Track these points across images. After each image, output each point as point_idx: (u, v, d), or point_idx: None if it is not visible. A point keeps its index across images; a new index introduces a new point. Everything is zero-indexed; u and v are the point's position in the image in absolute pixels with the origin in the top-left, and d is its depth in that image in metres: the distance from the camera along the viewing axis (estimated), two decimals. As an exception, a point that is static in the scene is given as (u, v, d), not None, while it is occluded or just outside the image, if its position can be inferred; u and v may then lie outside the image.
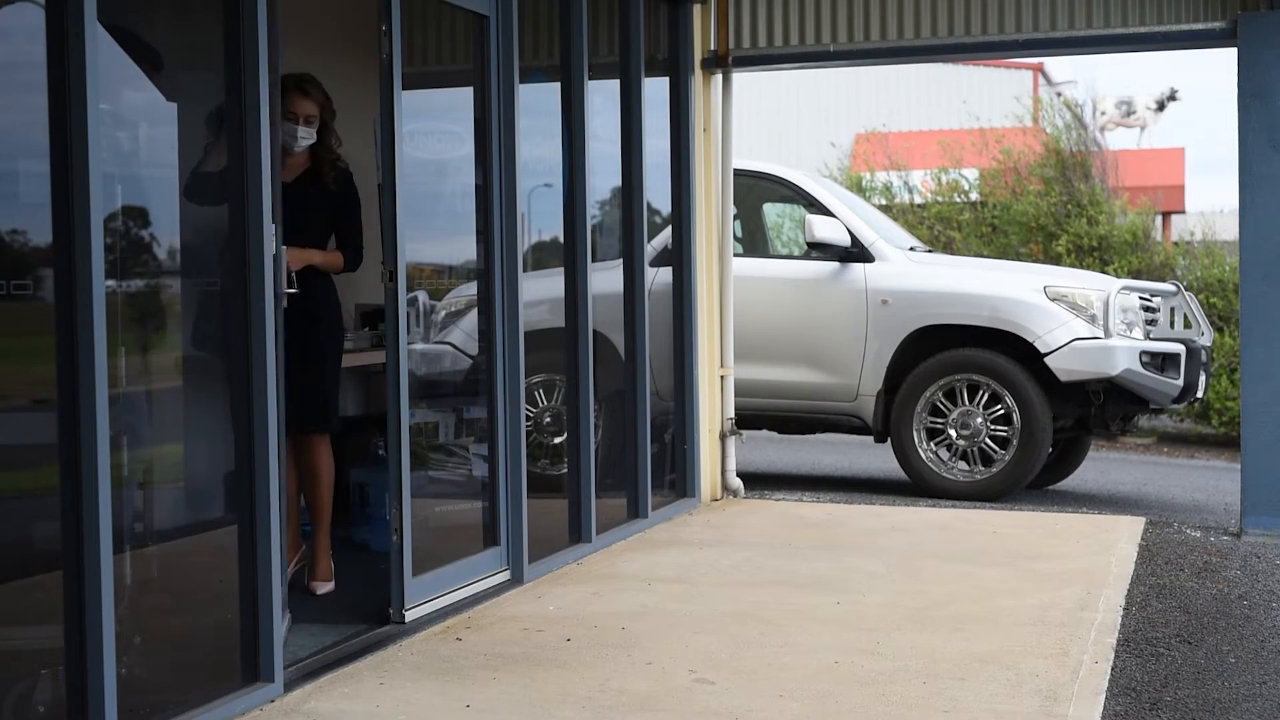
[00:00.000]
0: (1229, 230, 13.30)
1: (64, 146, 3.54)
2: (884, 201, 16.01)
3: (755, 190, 9.49)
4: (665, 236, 7.66)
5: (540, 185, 6.26)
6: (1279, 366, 7.14)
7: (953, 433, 8.52)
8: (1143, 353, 8.34)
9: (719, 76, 8.01)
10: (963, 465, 8.55)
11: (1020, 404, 8.36)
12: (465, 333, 6.41)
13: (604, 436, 6.86)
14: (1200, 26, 7.32)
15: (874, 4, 7.77)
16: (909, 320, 8.60)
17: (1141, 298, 8.68)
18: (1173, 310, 8.85)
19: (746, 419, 8.65)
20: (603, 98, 6.70)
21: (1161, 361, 8.41)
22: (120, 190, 3.88)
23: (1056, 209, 14.75)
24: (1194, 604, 5.76)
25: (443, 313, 6.52)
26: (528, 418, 5.88)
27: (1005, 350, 8.46)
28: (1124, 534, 6.99)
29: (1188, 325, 8.85)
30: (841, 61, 8.12)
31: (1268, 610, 5.71)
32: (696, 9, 7.75)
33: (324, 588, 5.69)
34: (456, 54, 5.80)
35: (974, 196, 15.92)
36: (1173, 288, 9.01)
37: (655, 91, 7.30)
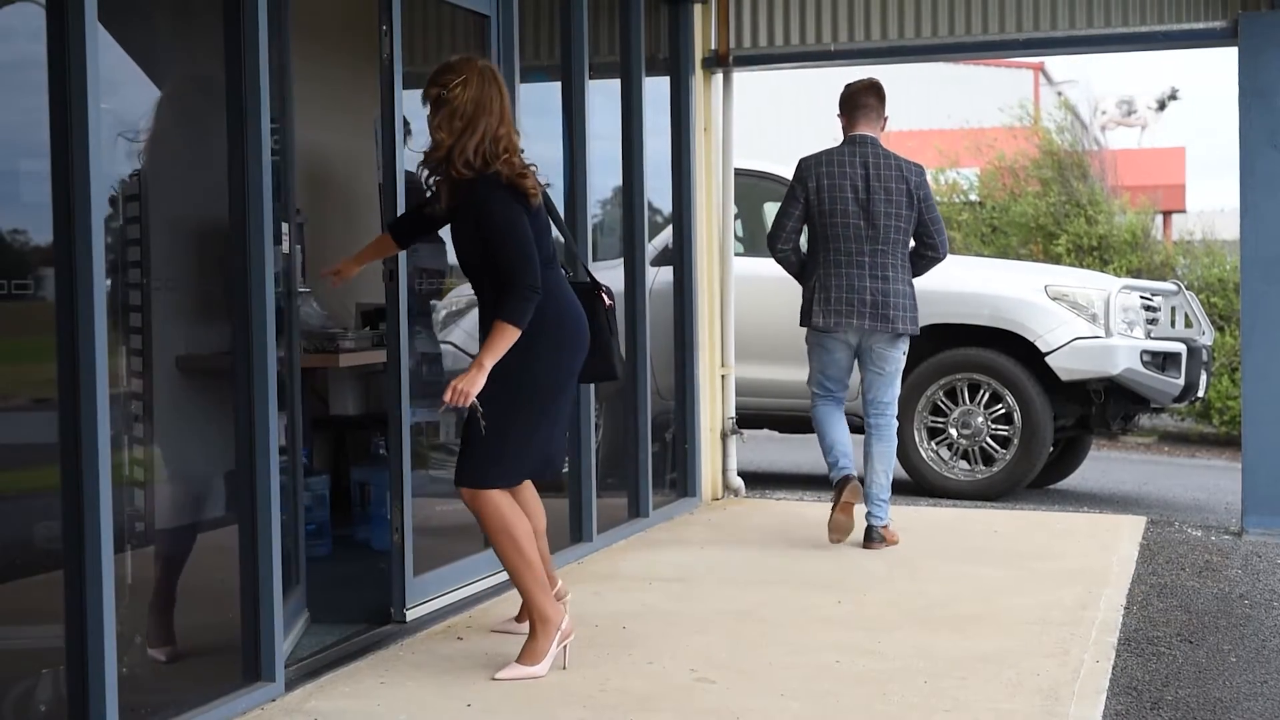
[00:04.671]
0: (1229, 230, 13.29)
1: (64, 146, 3.53)
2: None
3: (756, 190, 9.47)
4: (666, 236, 7.65)
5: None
6: (1279, 366, 7.14)
7: (954, 432, 8.52)
8: (1143, 352, 8.33)
9: (719, 76, 8.00)
10: (964, 464, 8.55)
11: (1021, 403, 8.36)
12: (465, 332, 6.40)
13: (604, 436, 6.86)
14: (1200, 26, 7.31)
15: (874, 4, 7.76)
16: (909, 320, 8.56)
17: (1142, 297, 8.68)
18: (1173, 309, 8.85)
19: (747, 418, 8.64)
20: (603, 97, 6.70)
21: (1162, 361, 8.40)
22: (121, 190, 3.88)
23: (1056, 209, 14.74)
24: (1195, 603, 5.76)
25: (443, 312, 6.51)
26: (528, 417, 5.85)
27: (1006, 349, 8.45)
28: (1125, 533, 6.99)
29: (1188, 324, 8.85)
30: (842, 61, 8.11)
31: (1269, 609, 5.71)
32: (697, 9, 7.75)
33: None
34: (457, 54, 5.79)
35: (973, 197, 15.92)
36: (1173, 287, 9.01)
37: (656, 91, 7.29)
